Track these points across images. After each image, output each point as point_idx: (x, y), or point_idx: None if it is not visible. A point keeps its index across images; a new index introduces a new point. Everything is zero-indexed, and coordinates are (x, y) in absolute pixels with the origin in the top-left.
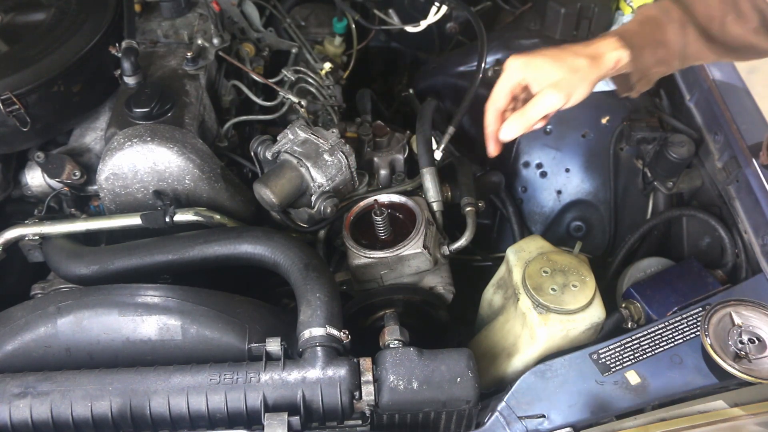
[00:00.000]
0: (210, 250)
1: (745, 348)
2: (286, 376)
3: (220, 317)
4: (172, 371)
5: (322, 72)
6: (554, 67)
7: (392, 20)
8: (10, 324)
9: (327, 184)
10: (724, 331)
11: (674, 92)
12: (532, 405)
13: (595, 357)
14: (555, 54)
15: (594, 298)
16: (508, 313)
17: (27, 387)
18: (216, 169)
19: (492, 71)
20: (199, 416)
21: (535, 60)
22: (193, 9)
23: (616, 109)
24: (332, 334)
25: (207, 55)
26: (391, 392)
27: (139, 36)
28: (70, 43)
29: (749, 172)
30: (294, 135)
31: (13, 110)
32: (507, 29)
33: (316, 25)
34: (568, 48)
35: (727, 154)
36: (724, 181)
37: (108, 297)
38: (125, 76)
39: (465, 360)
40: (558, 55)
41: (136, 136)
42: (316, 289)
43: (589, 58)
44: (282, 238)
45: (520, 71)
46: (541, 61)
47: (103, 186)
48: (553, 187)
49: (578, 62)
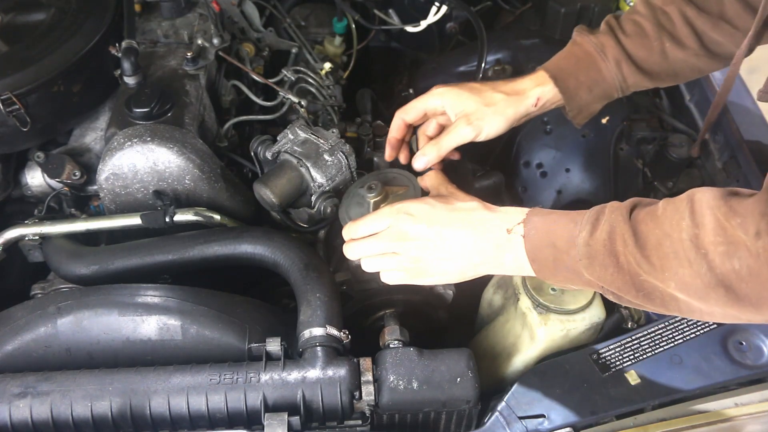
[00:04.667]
0: (210, 250)
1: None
2: (286, 376)
3: (220, 317)
4: (172, 371)
5: (322, 72)
6: (470, 98)
7: (392, 20)
8: (10, 324)
9: (327, 184)
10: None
11: (674, 92)
12: (532, 405)
13: (595, 357)
14: (475, 87)
15: (594, 298)
16: (508, 313)
17: (27, 387)
18: (216, 169)
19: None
20: (199, 416)
21: (455, 90)
22: (193, 9)
23: (616, 109)
24: (332, 334)
25: (207, 55)
26: (391, 392)
27: (139, 36)
28: (70, 43)
29: (749, 172)
30: (294, 135)
31: (13, 110)
32: (507, 29)
33: (316, 25)
34: (492, 83)
35: (727, 154)
36: (724, 181)
37: (108, 297)
38: (125, 76)
39: (465, 360)
40: (478, 88)
41: (136, 136)
42: (316, 289)
43: (506, 94)
44: (282, 238)
45: (439, 98)
46: (459, 91)
47: (103, 186)
48: (553, 187)
49: (495, 96)
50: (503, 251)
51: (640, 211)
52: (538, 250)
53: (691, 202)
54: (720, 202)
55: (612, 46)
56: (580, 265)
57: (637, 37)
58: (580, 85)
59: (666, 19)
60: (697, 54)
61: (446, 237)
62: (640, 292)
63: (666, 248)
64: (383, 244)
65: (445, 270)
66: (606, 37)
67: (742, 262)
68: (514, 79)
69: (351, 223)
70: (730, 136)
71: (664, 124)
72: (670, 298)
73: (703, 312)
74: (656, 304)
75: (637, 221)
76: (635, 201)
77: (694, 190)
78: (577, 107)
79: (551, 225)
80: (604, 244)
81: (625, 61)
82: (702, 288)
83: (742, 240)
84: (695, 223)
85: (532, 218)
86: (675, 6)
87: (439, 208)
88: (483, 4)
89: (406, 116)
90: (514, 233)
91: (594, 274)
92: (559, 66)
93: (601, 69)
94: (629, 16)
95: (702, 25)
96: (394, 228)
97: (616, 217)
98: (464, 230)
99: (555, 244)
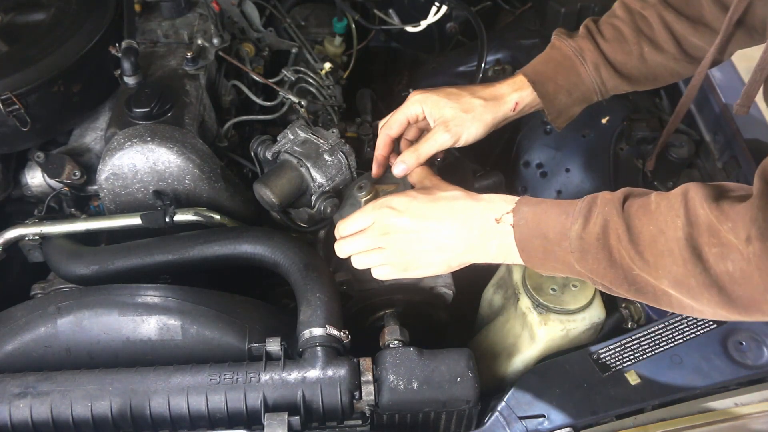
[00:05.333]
0: (210, 250)
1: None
2: (286, 376)
3: (220, 317)
4: (172, 371)
5: (322, 72)
6: (448, 105)
7: (392, 20)
8: (10, 324)
9: (327, 184)
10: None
11: (674, 92)
12: (532, 405)
13: (595, 357)
14: (453, 93)
15: (594, 298)
16: (508, 313)
17: (27, 387)
18: (216, 169)
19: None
20: (199, 416)
21: (433, 96)
22: (193, 9)
23: (616, 109)
24: (332, 334)
25: (207, 55)
26: (391, 392)
27: (139, 36)
28: (70, 43)
29: (749, 172)
30: (294, 135)
31: (13, 110)
32: (507, 29)
33: (316, 25)
34: (470, 88)
35: (727, 154)
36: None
37: (108, 297)
38: (125, 76)
39: (465, 360)
40: (456, 94)
41: (136, 136)
42: (316, 289)
43: (485, 100)
44: (282, 238)
45: (418, 104)
46: (437, 98)
47: (103, 186)
48: (553, 187)
49: (473, 102)
50: (488, 239)
51: (632, 203)
52: (527, 241)
53: (685, 199)
54: (712, 204)
55: (591, 51)
56: (571, 257)
57: (616, 42)
58: (558, 89)
59: (645, 24)
60: (675, 58)
61: (429, 228)
62: (632, 286)
63: (660, 245)
64: (369, 239)
65: (431, 261)
66: (585, 41)
67: (735, 265)
68: (493, 84)
69: (339, 222)
70: (730, 136)
71: (664, 124)
72: (662, 294)
73: (694, 309)
74: (648, 298)
75: (630, 215)
76: (627, 192)
77: (688, 185)
78: (556, 111)
79: (542, 215)
80: (598, 238)
81: (604, 66)
82: (695, 287)
83: (734, 243)
84: (689, 221)
85: (522, 207)
86: (654, 10)
87: (421, 200)
88: (483, 4)
89: (390, 131)
90: (503, 222)
91: (586, 266)
92: (537, 70)
93: (580, 73)
94: (608, 20)
95: (681, 29)
96: (378, 223)
97: (609, 209)
98: (447, 220)
99: (546, 235)
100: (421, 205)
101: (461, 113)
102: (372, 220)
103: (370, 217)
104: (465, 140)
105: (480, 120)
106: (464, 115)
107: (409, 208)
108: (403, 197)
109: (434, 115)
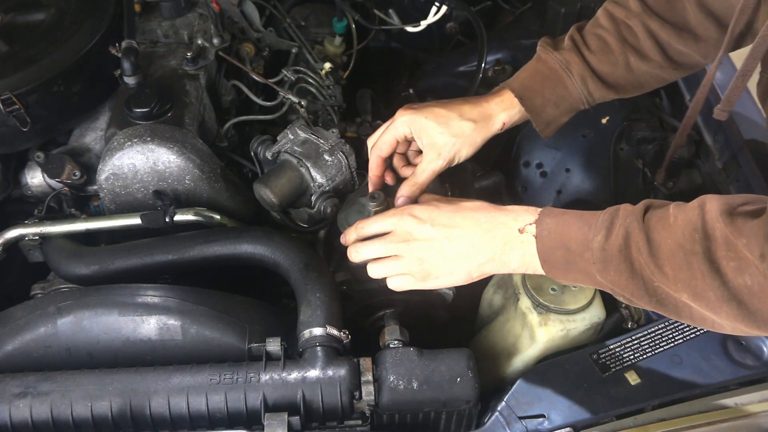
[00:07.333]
0: (210, 250)
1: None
2: (286, 376)
3: (220, 317)
4: (172, 371)
5: (322, 72)
6: (437, 130)
7: (392, 20)
8: (10, 324)
9: (327, 184)
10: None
11: (674, 92)
12: (532, 405)
13: (595, 357)
14: (442, 114)
15: (594, 298)
16: (508, 313)
17: (27, 387)
18: (216, 169)
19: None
20: (199, 416)
21: (421, 118)
22: (193, 9)
23: (616, 109)
24: (332, 334)
25: (207, 55)
26: (391, 392)
27: (139, 36)
28: (70, 43)
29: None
30: (294, 135)
31: (13, 110)
32: (507, 29)
33: (316, 25)
34: (458, 107)
35: (727, 154)
36: (724, 181)
37: (108, 297)
38: (125, 76)
39: (465, 360)
40: (445, 116)
41: (136, 136)
42: (316, 289)
43: (475, 122)
44: (282, 238)
45: (407, 126)
46: (425, 120)
47: (103, 186)
48: (553, 187)
49: (463, 126)
50: (511, 249)
51: (652, 215)
52: (550, 252)
53: (702, 212)
54: (727, 219)
55: (577, 63)
56: (593, 269)
57: (602, 53)
58: (546, 102)
59: (629, 33)
60: (661, 66)
61: (451, 237)
62: (653, 297)
63: (679, 259)
64: (388, 246)
65: (451, 271)
66: (571, 54)
67: (753, 279)
68: (480, 102)
69: (358, 223)
70: (730, 136)
71: (664, 124)
72: (683, 306)
73: (715, 323)
74: (669, 311)
75: (650, 228)
76: (648, 203)
77: (704, 198)
78: (544, 123)
79: (564, 226)
80: (620, 250)
81: (591, 77)
82: (714, 300)
83: (750, 259)
84: (707, 235)
85: (545, 219)
86: (638, 19)
87: (444, 209)
88: (483, 4)
89: (381, 153)
90: (526, 233)
91: (607, 278)
92: (525, 85)
93: (567, 86)
94: (593, 30)
95: (666, 36)
96: (399, 229)
97: (631, 222)
98: (470, 229)
99: (568, 247)
100: (444, 214)
101: (451, 138)
102: (393, 226)
103: (390, 222)
104: (457, 161)
105: (471, 144)
106: (455, 140)
107: (431, 216)
108: (425, 206)
109: (423, 138)
